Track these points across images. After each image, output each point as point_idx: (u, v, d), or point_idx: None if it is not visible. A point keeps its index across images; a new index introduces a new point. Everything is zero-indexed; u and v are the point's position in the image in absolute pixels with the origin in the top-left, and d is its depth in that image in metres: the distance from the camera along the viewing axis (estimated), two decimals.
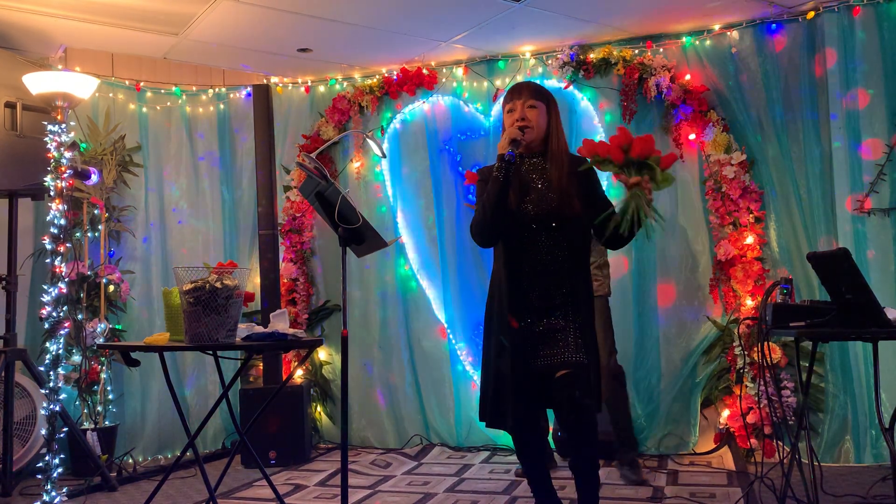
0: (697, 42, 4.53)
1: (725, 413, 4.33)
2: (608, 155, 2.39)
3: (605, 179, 4.09)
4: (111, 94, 4.89)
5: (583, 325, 2.63)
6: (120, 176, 4.84)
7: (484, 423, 2.74)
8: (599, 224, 2.55)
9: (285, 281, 5.03)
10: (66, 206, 3.71)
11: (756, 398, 4.14)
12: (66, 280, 3.68)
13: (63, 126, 3.70)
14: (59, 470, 3.45)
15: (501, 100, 2.86)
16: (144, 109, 5.04)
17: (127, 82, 4.98)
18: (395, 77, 5.05)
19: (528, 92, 2.72)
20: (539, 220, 2.65)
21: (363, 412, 5.03)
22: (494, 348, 2.71)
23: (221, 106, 5.25)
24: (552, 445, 4.21)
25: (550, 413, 2.99)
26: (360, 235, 2.92)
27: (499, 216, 2.63)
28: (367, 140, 3.52)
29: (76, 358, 4.42)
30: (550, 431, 4.14)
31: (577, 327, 2.62)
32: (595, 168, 2.48)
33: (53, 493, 3.39)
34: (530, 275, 2.66)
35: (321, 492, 3.84)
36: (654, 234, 2.42)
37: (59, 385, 3.56)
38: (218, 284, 2.64)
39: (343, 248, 2.96)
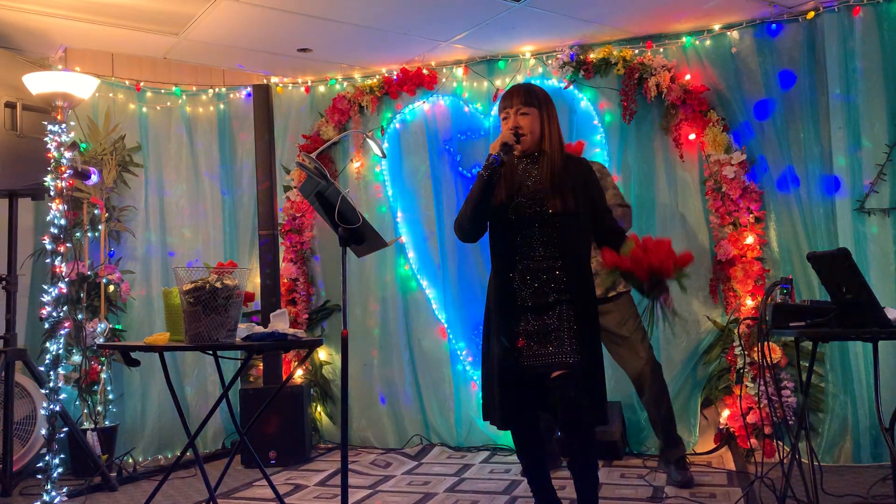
0: (697, 42, 4.53)
1: (725, 413, 4.32)
2: (630, 270, 2.56)
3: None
4: (111, 94, 4.89)
5: (580, 325, 2.62)
6: (120, 176, 4.84)
7: (485, 422, 2.75)
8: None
9: (285, 281, 5.03)
10: (66, 206, 3.71)
11: (756, 398, 4.14)
12: (66, 280, 3.68)
13: (63, 126, 3.70)
14: (59, 470, 3.45)
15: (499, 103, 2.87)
16: (144, 109, 5.04)
17: (127, 82, 4.98)
18: (395, 77, 5.05)
19: (518, 99, 2.72)
20: (531, 218, 2.65)
21: (363, 412, 5.03)
22: (489, 348, 2.72)
23: (221, 106, 5.25)
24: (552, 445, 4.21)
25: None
26: (360, 235, 2.92)
27: (479, 214, 2.67)
28: (367, 140, 3.51)
29: (76, 358, 4.42)
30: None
31: (573, 327, 2.61)
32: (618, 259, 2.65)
33: (53, 493, 3.39)
34: (523, 273, 2.67)
35: (321, 492, 3.84)
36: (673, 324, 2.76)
37: (59, 385, 3.56)
38: (218, 284, 2.64)
39: (343, 248, 2.96)
